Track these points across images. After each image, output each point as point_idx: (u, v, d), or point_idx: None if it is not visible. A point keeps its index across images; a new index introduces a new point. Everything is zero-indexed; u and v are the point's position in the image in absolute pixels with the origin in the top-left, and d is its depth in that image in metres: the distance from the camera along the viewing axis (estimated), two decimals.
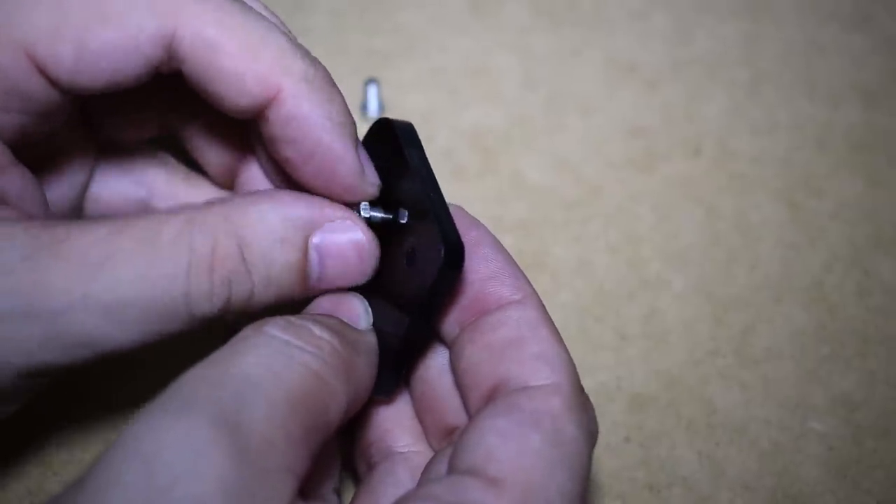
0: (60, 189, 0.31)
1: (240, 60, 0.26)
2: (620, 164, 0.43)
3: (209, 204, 0.27)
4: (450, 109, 0.44)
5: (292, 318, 0.26)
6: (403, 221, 0.28)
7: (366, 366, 0.26)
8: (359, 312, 0.28)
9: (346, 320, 0.27)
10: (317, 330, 0.25)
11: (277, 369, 0.23)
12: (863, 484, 0.34)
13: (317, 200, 0.28)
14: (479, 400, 0.26)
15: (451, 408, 0.28)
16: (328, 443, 0.25)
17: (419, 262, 0.27)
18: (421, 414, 0.29)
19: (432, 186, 0.27)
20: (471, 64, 0.46)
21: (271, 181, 0.32)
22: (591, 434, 0.25)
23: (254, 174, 0.32)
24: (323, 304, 0.28)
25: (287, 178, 0.29)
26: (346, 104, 0.28)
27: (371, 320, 0.28)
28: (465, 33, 0.47)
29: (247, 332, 0.25)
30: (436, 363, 0.29)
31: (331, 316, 0.27)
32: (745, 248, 0.40)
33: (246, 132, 0.31)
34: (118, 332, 0.25)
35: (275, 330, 0.25)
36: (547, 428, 0.24)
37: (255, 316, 0.26)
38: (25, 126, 0.27)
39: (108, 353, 0.25)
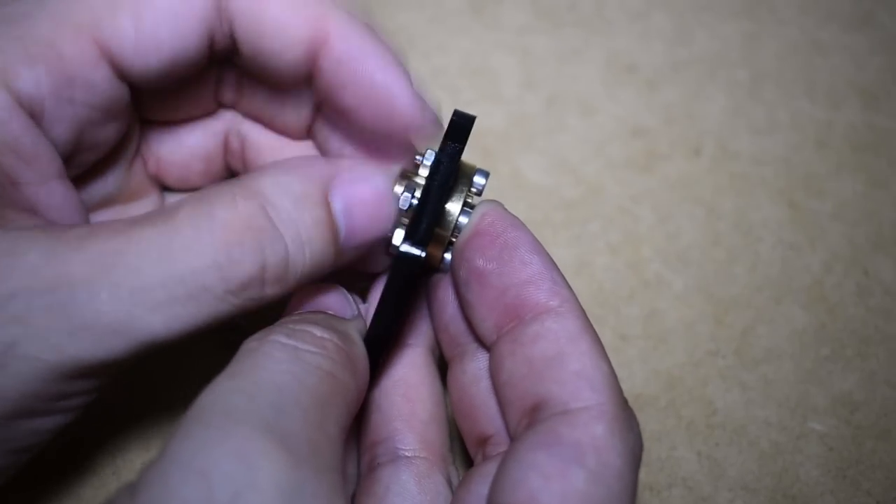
0: (103, 183, 0.31)
1: (286, 7, 0.27)
2: (620, 164, 0.43)
3: (219, 182, 0.27)
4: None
5: (290, 325, 0.25)
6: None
7: (362, 354, 0.27)
8: (342, 304, 0.28)
9: (332, 313, 0.28)
10: (317, 331, 0.25)
11: (299, 375, 0.23)
12: (863, 484, 0.34)
13: (330, 159, 0.28)
14: (519, 416, 0.26)
15: (484, 415, 0.28)
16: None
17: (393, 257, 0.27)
18: (458, 419, 0.29)
19: (438, 181, 0.27)
20: (471, 64, 0.46)
21: (343, 136, 0.31)
22: (635, 456, 0.25)
23: (329, 131, 0.32)
24: (304, 301, 0.28)
25: (354, 132, 0.29)
26: (390, 44, 0.28)
27: (355, 309, 0.28)
28: (465, 33, 0.47)
29: (251, 344, 0.24)
30: (472, 367, 0.29)
31: (319, 312, 0.27)
32: (745, 248, 0.40)
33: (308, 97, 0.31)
34: (150, 317, 0.24)
35: (280, 338, 0.24)
36: (591, 465, 0.23)
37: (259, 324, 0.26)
38: (83, 125, 0.27)
39: (148, 342, 0.24)
